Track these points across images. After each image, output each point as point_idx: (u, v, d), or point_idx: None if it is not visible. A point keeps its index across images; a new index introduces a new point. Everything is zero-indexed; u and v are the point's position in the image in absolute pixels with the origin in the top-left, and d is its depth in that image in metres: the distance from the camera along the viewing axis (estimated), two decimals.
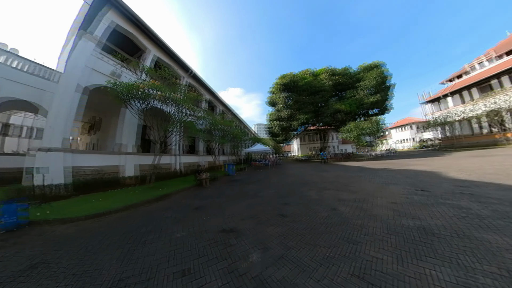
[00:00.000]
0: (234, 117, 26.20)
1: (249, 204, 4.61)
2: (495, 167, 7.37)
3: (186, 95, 8.52)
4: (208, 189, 7.18)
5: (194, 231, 3.14)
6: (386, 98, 20.22)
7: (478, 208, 3.31)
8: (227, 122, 14.69)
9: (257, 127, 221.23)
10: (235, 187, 7.41)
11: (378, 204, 3.89)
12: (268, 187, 6.83)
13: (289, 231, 2.87)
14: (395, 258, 2.00)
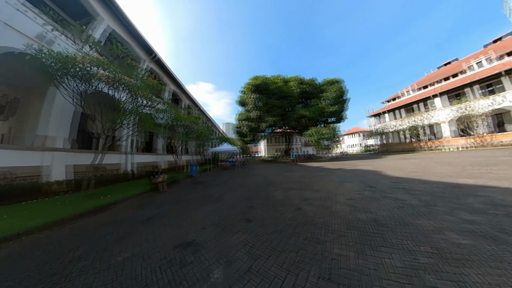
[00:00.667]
0: (202, 113, 24.58)
1: (212, 210, 4.19)
2: (415, 166, 9.43)
3: (145, 82, 7.14)
4: (165, 194, 6.20)
5: (142, 251, 2.52)
6: (342, 109, 23.55)
7: (409, 199, 4.09)
8: (193, 118, 13.40)
9: (226, 126, 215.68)
10: (198, 190, 6.74)
11: (338, 201, 4.21)
12: (234, 188, 6.49)
13: (255, 238, 2.66)
14: (356, 253, 2.11)
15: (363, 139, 50.70)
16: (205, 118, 27.23)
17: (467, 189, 4.56)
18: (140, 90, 6.48)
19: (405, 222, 2.87)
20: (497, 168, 7.01)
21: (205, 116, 27.03)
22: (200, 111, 23.45)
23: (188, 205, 4.68)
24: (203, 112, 24.79)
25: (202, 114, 24.72)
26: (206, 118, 27.59)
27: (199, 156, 22.72)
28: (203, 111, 24.63)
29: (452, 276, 1.67)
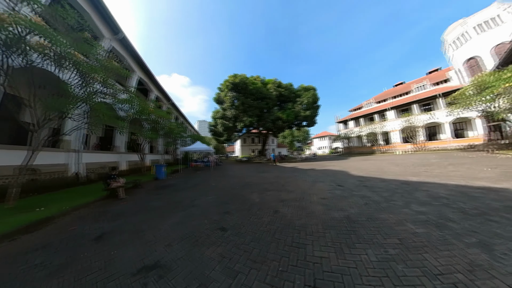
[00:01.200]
0: (173, 108, 22.56)
1: (182, 219, 3.57)
2: (374, 166, 10.71)
3: (102, 63, 5.83)
4: (124, 202, 5.07)
5: (87, 283, 1.84)
6: (315, 115, 25.18)
7: (373, 195, 4.54)
8: (162, 112, 11.85)
9: (200, 124, 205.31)
10: (165, 195, 5.88)
11: (313, 201, 4.32)
12: (207, 192, 5.97)
13: (233, 250, 2.35)
14: (336, 253, 2.13)
15: (331, 142, 55.74)
16: (177, 114, 25.23)
17: (413, 185, 5.43)
18: (95, 73, 5.31)
19: (373, 217, 3.16)
20: (430, 168, 8.61)
21: (178, 112, 25.04)
22: (172, 105, 21.49)
23: (152, 215, 3.94)
24: (175, 106, 22.80)
25: (174, 108, 22.74)
26: (178, 113, 25.56)
27: (169, 156, 20.86)
28: (175, 106, 22.66)
29: (417, 263, 1.87)
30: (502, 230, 2.49)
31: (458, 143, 21.98)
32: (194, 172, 13.09)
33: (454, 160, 11.15)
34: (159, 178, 9.68)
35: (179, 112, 25.79)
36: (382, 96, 34.78)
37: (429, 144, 24.20)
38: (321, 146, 58.98)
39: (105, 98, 6.99)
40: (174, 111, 23.30)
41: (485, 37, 20.74)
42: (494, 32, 20.19)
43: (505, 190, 4.32)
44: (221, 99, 23.33)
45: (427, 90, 27.76)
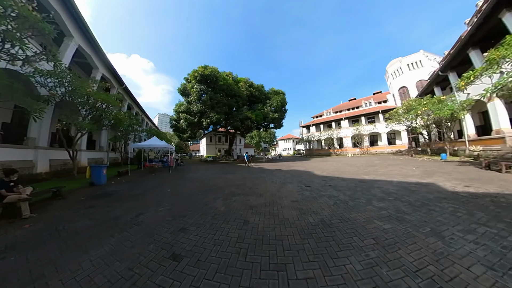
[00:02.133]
0: (127, 95, 18.92)
1: (115, 248, 2.44)
2: (333, 167, 11.78)
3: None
4: (28, 225, 3.36)
5: None
6: (282, 118, 26.01)
7: (338, 194, 4.78)
8: (109, 97, 9.30)
9: (161, 118, 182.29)
10: (100, 209, 4.23)
11: (284, 205, 4.06)
12: (160, 201, 4.69)
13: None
14: (321, 269, 1.90)
15: (295, 144, 59.83)
16: (132, 102, 21.33)
17: (368, 183, 6.13)
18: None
19: (345, 218, 3.22)
20: (376, 168, 10.06)
21: (132, 100, 21.16)
22: (125, 91, 17.93)
23: (68, 244, 2.58)
24: (129, 93, 19.17)
25: (127, 95, 19.08)
26: (133, 102, 21.65)
27: (116, 154, 17.34)
28: (129, 92, 19.04)
29: (397, 263, 1.92)
30: (441, 217, 3.07)
31: (391, 148, 28.41)
32: (148, 174, 11.01)
33: (390, 162, 13.57)
34: (96, 183, 7.38)
35: (134, 101, 21.92)
36: (339, 107, 40.25)
37: (371, 148, 30.10)
38: (285, 148, 62.59)
39: (13, 63, 4.83)
40: (128, 98, 19.63)
41: (412, 74, 28.18)
42: (418, 71, 27.71)
43: (431, 184, 5.54)
44: (187, 91, 20.93)
45: (372, 107, 34.12)
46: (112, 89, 15.77)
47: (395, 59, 30.85)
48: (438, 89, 18.86)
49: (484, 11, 10.01)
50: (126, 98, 18.94)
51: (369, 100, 35.09)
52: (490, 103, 11.12)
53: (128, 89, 18.35)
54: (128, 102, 19.83)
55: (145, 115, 28.97)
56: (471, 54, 12.23)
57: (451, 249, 2.13)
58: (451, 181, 5.76)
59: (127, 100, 19.28)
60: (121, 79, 16.16)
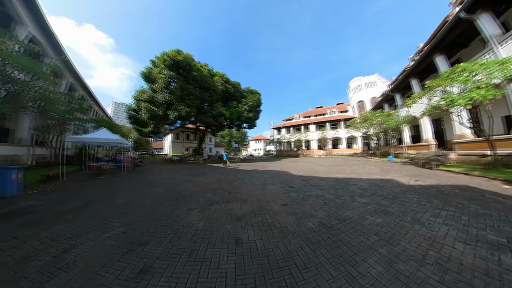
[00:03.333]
0: (68, 70, 14.82)
1: None
2: (306, 167, 12.17)
3: None
4: None
5: None
6: (256, 118, 25.69)
7: (323, 194, 4.78)
8: (34, 64, 6.79)
9: (117, 108, 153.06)
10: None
11: (276, 211, 3.56)
12: (106, 220, 3.21)
13: None
14: (348, 283, 1.66)
15: (266, 145, 61.03)
16: (76, 82, 16.88)
17: (344, 181, 6.49)
18: None
19: (341, 217, 3.17)
20: (343, 168, 11.02)
21: (77, 80, 16.78)
22: (66, 65, 13.98)
23: None
24: (71, 69, 15.05)
25: (68, 71, 14.95)
26: (78, 83, 17.23)
27: (46, 150, 13.26)
28: (72, 68, 14.96)
29: (406, 255, 2.02)
30: (413, 206, 3.60)
31: (349, 151, 32.72)
32: (93, 178, 8.29)
33: (352, 162, 15.21)
34: (2, 195, 4.83)
35: (80, 82, 17.42)
36: (308, 113, 43.74)
37: (333, 151, 33.74)
38: (256, 148, 63.16)
39: None
40: (70, 76, 15.49)
41: (369, 91, 33.53)
42: (373, 89, 33.21)
43: (392, 180, 6.48)
44: (152, 76, 17.84)
45: (335, 115, 38.49)
46: (45, 59, 12.06)
47: (356, 78, 35.81)
48: (387, 105, 23.73)
49: (423, 53, 13.05)
50: (67, 75, 14.86)
51: (334, 109, 39.29)
52: (421, 119, 14.70)
53: (71, 64, 14.43)
54: (70, 81, 15.68)
55: (94, 101, 23.69)
56: (412, 82, 15.79)
57: (434, 232, 2.52)
58: (403, 177, 6.98)
59: (68, 77, 15.16)
60: (60, 46, 12.50)
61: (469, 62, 7.44)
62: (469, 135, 10.35)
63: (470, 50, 11.95)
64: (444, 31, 10.74)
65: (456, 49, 12.37)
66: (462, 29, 10.20)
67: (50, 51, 12.23)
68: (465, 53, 12.39)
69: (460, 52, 12.71)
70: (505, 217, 2.99)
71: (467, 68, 7.08)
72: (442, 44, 11.65)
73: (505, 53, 8.06)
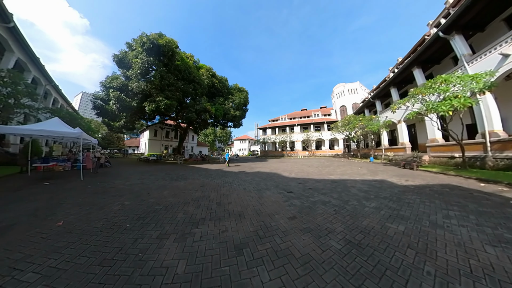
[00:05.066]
0: (14, 41, 11.78)
1: None
2: (295, 168, 11.75)
3: None
4: None
5: None
6: (243, 117, 24.54)
7: (328, 199, 4.33)
8: None
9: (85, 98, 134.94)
10: None
11: (285, 230, 2.72)
12: (14, 267, 1.82)
13: None
14: None
15: (250, 145, 60.28)
16: (28, 61, 13.51)
17: (341, 183, 6.23)
18: None
19: (362, 229, 2.74)
20: (332, 169, 11.02)
21: (28, 57, 13.37)
22: (11, 33, 11.07)
23: None
24: (19, 39, 11.98)
25: (15, 42, 11.82)
26: (30, 61, 13.72)
27: None
28: (20, 38, 11.94)
29: (454, 270, 1.79)
30: (421, 208, 3.52)
31: (331, 152, 34.03)
32: (34, 184, 6.23)
33: (337, 163, 15.39)
34: None
35: (32, 60, 14.00)
36: (293, 114, 44.45)
37: (316, 152, 34.40)
38: (241, 148, 61.99)
39: None
40: (17, 49, 12.24)
41: (351, 97, 35.39)
42: (354, 96, 35.18)
43: (385, 181, 6.43)
44: (126, 61, 15.28)
45: (319, 118, 39.76)
46: None
47: (340, 84, 37.62)
48: (368, 110, 25.51)
49: (404, 65, 14.39)
50: (12, 48, 11.77)
51: (318, 112, 40.64)
52: (399, 124, 16.13)
53: (18, 32, 11.50)
54: (17, 56, 12.46)
55: (53, 87, 19.73)
56: (392, 90, 17.38)
57: (458, 236, 2.45)
58: (393, 178, 7.10)
59: (14, 51, 12.03)
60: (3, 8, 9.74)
61: (448, 75, 8.38)
62: (439, 140, 11.59)
63: (441, 67, 13.83)
64: (423, 47, 12.10)
65: (430, 64, 14.20)
66: (438, 47, 11.70)
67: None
68: (437, 69, 14.26)
69: (432, 68, 14.59)
70: (502, 214, 3.12)
71: (448, 79, 7.86)
72: (420, 59, 13.16)
73: (472, 70, 9.18)
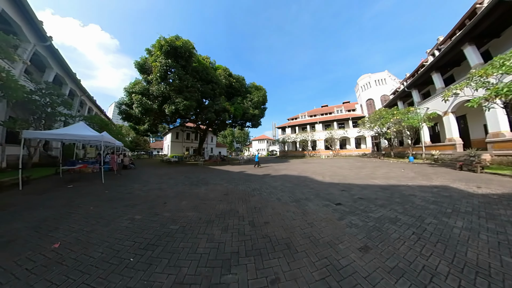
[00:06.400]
0: (52, 57, 12.83)
1: None
2: (324, 170, 10.42)
3: None
4: None
5: None
6: (262, 116, 23.55)
7: (395, 215, 3.30)
8: None
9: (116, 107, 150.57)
10: None
11: (367, 273, 1.66)
12: None
13: None
14: None
15: (269, 145, 59.16)
16: (65, 75, 14.74)
17: (394, 191, 5.03)
18: None
19: (471, 264, 1.84)
20: (370, 171, 9.39)
21: (64, 70, 14.53)
22: (48, 51, 11.89)
23: None
24: (56, 56, 12.95)
25: (53, 60, 12.90)
26: (66, 74, 14.95)
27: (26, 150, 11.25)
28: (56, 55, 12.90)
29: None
30: None
31: (358, 151, 30.87)
32: (59, 187, 6.28)
33: (371, 164, 13.50)
34: None
35: (69, 75, 15.25)
36: (313, 112, 41.73)
37: (341, 151, 31.61)
38: (259, 148, 61.03)
39: None
40: (54, 64, 13.31)
41: (378, 89, 31.66)
42: (383, 87, 31.43)
43: (450, 188, 5.14)
44: (147, 66, 15.84)
45: (343, 114, 36.56)
46: (23, 44, 10.13)
47: (365, 75, 33.78)
48: (401, 102, 22.10)
49: (450, 44, 11.84)
50: (51, 64, 12.90)
51: (341, 108, 37.35)
52: (445, 117, 13.23)
53: (54, 50, 12.46)
54: (55, 71, 13.59)
55: (88, 98, 21.67)
56: (434, 76, 14.60)
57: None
58: (456, 183, 5.76)
59: (53, 67, 13.17)
60: (41, 30, 10.37)
61: None
62: (507, 133, 9.12)
63: (501, 41, 11.04)
64: (478, 18, 9.72)
65: (486, 39, 11.35)
66: (499, 15, 9.17)
67: (28, 34, 10.41)
68: (495, 44, 11.37)
69: (489, 43, 11.71)
70: None
71: None
72: (473, 33, 10.58)
73: None
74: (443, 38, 17.37)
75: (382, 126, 18.46)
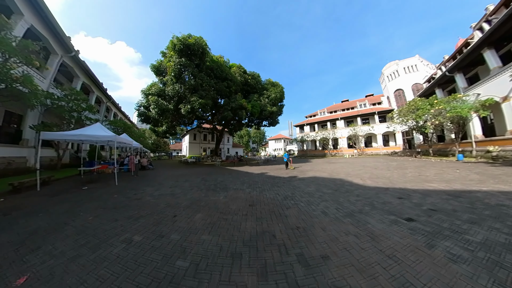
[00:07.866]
0: (79, 68, 13.78)
1: None
2: (357, 171, 9.02)
3: None
4: None
5: None
6: (280, 113, 22.31)
7: (495, 236, 2.33)
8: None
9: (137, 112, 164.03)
10: None
11: None
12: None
13: None
14: None
15: (286, 144, 57.48)
16: (91, 83, 15.82)
17: (469, 198, 3.89)
18: None
19: None
20: (414, 172, 7.90)
21: (91, 80, 15.58)
22: (75, 62, 12.70)
23: None
24: (83, 67, 13.88)
25: (80, 69, 13.81)
26: (93, 83, 16.05)
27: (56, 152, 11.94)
28: (84, 67, 13.84)
29: None
30: None
31: (386, 150, 27.53)
32: (74, 188, 6.24)
33: (411, 164, 11.61)
34: None
35: (95, 81, 16.29)
36: (333, 107, 38.74)
37: (366, 149, 28.49)
38: (276, 148, 59.66)
39: None
40: (83, 75, 14.37)
41: (408, 77, 27.75)
42: (414, 75, 27.48)
43: None
44: (162, 68, 15.99)
45: (367, 108, 33.20)
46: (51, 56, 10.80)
47: (391, 62, 30.06)
48: (439, 90, 18.79)
49: (508, 11, 9.87)
50: (78, 74, 13.77)
51: (364, 102, 34.14)
52: (505, 103, 10.81)
53: (80, 61, 13.24)
54: (82, 80, 14.51)
55: (113, 104, 23.26)
56: (486, 54, 12.14)
57: None
58: None
59: (79, 76, 14.03)
60: (66, 42, 11.08)
61: None
62: None
63: None
64: None
65: None
66: None
67: (55, 46, 11.02)
68: None
69: None
70: None
71: None
72: None
73: None
74: (494, 7, 14.25)
75: (419, 118, 15.91)
